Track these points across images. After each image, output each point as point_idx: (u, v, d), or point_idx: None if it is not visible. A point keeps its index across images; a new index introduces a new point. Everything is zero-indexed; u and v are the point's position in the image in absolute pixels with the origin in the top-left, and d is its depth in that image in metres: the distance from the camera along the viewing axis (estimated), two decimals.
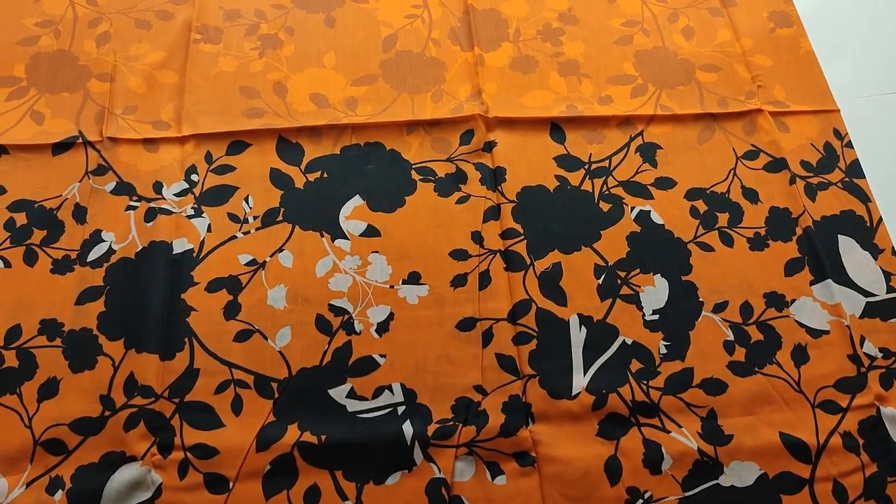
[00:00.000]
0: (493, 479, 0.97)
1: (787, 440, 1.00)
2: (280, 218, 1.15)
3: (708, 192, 1.20)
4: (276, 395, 1.01)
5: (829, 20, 1.43)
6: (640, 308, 1.10)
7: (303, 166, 1.19)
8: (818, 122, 1.28)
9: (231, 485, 0.95)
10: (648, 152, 1.23)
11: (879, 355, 1.06)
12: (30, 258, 1.09)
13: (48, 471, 0.94)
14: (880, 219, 1.18)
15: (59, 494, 0.92)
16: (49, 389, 0.99)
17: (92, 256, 1.09)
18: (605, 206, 1.18)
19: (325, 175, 1.19)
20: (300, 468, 0.96)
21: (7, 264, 1.08)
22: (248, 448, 0.97)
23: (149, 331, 1.04)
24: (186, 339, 1.04)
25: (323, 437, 0.98)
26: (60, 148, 1.18)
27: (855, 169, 1.23)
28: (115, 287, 1.07)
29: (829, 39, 1.39)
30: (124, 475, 0.94)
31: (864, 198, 1.20)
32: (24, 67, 1.26)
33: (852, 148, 1.25)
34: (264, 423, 0.99)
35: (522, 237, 1.14)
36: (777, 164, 1.22)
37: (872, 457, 0.99)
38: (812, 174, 1.22)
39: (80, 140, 1.18)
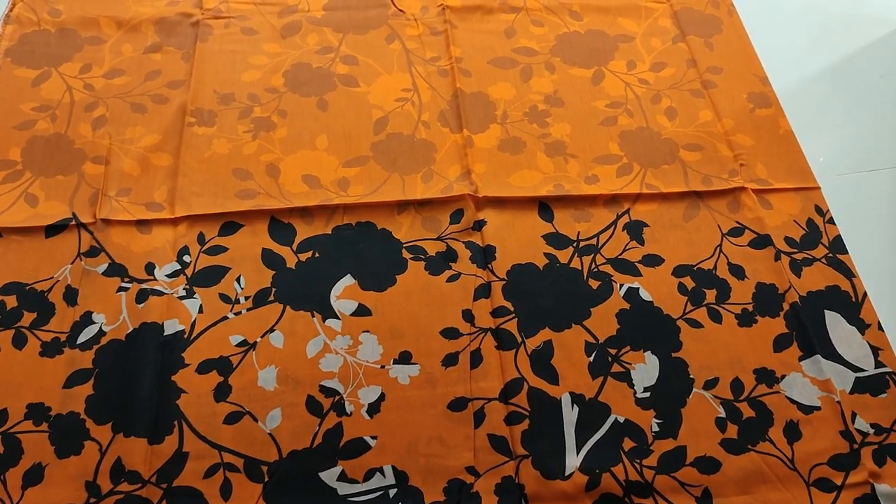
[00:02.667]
0: None
1: None
2: (271, 298, 1.15)
3: (695, 268, 1.22)
4: (266, 479, 0.99)
5: (807, 101, 1.48)
6: (632, 385, 1.10)
7: (294, 246, 1.21)
8: (800, 199, 1.31)
9: None
10: (635, 230, 1.25)
11: (871, 431, 1.06)
12: (19, 341, 1.08)
13: None
14: (865, 294, 1.19)
15: None
16: (34, 476, 0.98)
17: (82, 339, 1.09)
18: (594, 284, 1.19)
19: (317, 255, 1.20)
20: None
21: None
22: None
23: (137, 414, 1.03)
24: (176, 423, 1.03)
25: None
26: (53, 230, 1.18)
27: (838, 245, 1.25)
28: (105, 370, 1.07)
29: (807, 119, 1.43)
30: None
31: (849, 273, 1.21)
32: (19, 151, 1.28)
33: (834, 224, 1.27)
34: None
35: (513, 315, 1.15)
36: (762, 241, 1.24)
37: None
38: (796, 250, 1.24)
39: (74, 222, 1.19)
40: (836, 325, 1.16)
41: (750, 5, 1.63)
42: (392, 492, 1.00)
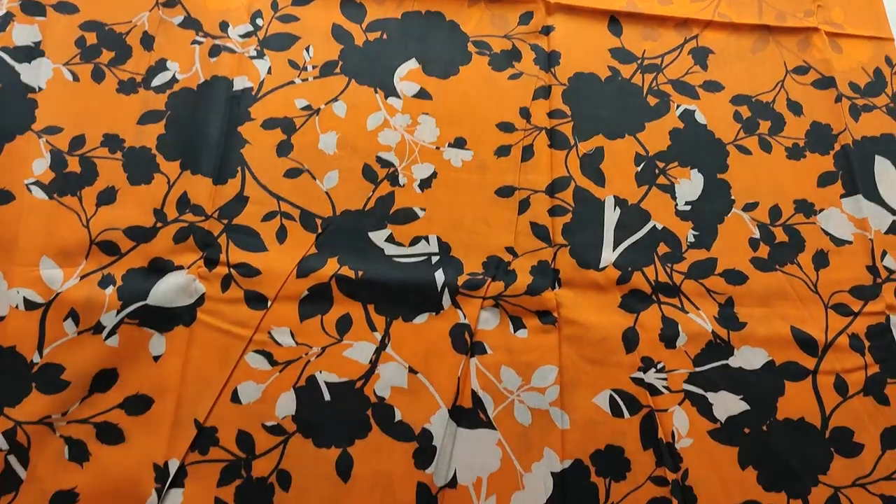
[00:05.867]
0: (515, 331, 1.02)
1: (797, 334, 1.04)
2: (338, 70, 1.18)
3: (753, 99, 1.23)
4: (320, 231, 1.06)
5: None
6: (674, 198, 1.13)
7: (364, 25, 1.23)
8: (872, 47, 1.29)
9: (269, 304, 1.00)
10: (701, 55, 1.26)
11: None
12: (97, 76, 1.13)
13: (101, 268, 1.00)
14: None
15: (111, 290, 0.98)
16: (107, 196, 1.05)
17: (156, 82, 1.14)
18: (652, 101, 1.21)
19: (385, 36, 1.22)
20: (335, 297, 1.02)
21: (75, 78, 1.13)
22: (288, 273, 1.02)
23: (204, 156, 1.08)
24: (239, 168, 1.09)
25: (360, 273, 1.03)
26: None
27: None
28: (176, 113, 1.12)
29: None
30: (170, 281, 1.00)
31: None
32: None
33: None
34: (306, 253, 1.04)
35: (569, 119, 1.18)
36: (825, 82, 1.24)
37: (876, 358, 1.04)
38: (859, 96, 1.24)
39: None
40: (884, 171, 1.18)
41: None
42: (434, 258, 1.06)
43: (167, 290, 0.99)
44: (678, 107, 1.21)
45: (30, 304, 0.97)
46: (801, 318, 1.06)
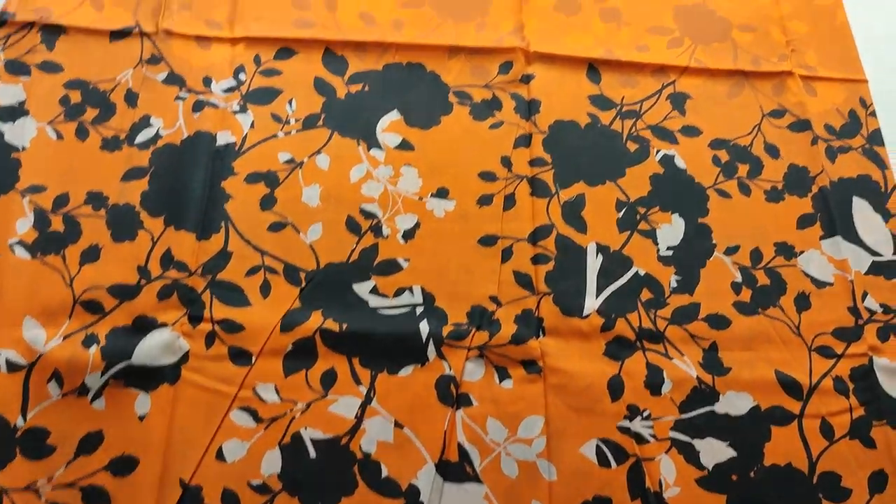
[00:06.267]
0: (500, 381, 1.02)
1: (781, 377, 1.05)
2: (320, 123, 1.19)
3: (731, 143, 1.24)
4: (303, 284, 1.06)
5: None
6: (656, 243, 1.14)
7: (346, 78, 1.24)
8: (846, 89, 1.32)
9: (253, 359, 1.00)
10: (678, 101, 1.28)
11: (879, 310, 1.11)
12: (81, 133, 1.14)
13: (85, 327, 1.00)
14: (895, 186, 1.22)
15: (94, 349, 0.98)
16: (91, 254, 1.05)
17: (140, 139, 1.14)
18: (631, 146, 1.23)
19: (367, 88, 1.24)
20: (320, 352, 1.02)
21: (59, 136, 1.13)
22: (272, 328, 1.02)
23: (188, 211, 1.09)
24: (223, 224, 1.09)
25: (344, 326, 1.03)
26: (117, 35, 1.22)
27: (876, 137, 1.26)
28: (160, 169, 1.13)
29: (864, 13, 1.41)
30: (155, 338, 1.00)
31: (882, 165, 1.24)
32: None
33: (875, 117, 1.29)
34: (290, 307, 1.04)
35: (550, 167, 1.19)
36: (801, 125, 1.26)
37: (861, 401, 1.04)
38: (834, 137, 1.26)
39: (137, 30, 1.23)
40: (862, 211, 1.19)
41: None
42: (419, 309, 1.06)
43: (151, 348, 0.99)
44: (658, 152, 1.23)
45: (12, 367, 0.97)
46: (784, 362, 1.06)
